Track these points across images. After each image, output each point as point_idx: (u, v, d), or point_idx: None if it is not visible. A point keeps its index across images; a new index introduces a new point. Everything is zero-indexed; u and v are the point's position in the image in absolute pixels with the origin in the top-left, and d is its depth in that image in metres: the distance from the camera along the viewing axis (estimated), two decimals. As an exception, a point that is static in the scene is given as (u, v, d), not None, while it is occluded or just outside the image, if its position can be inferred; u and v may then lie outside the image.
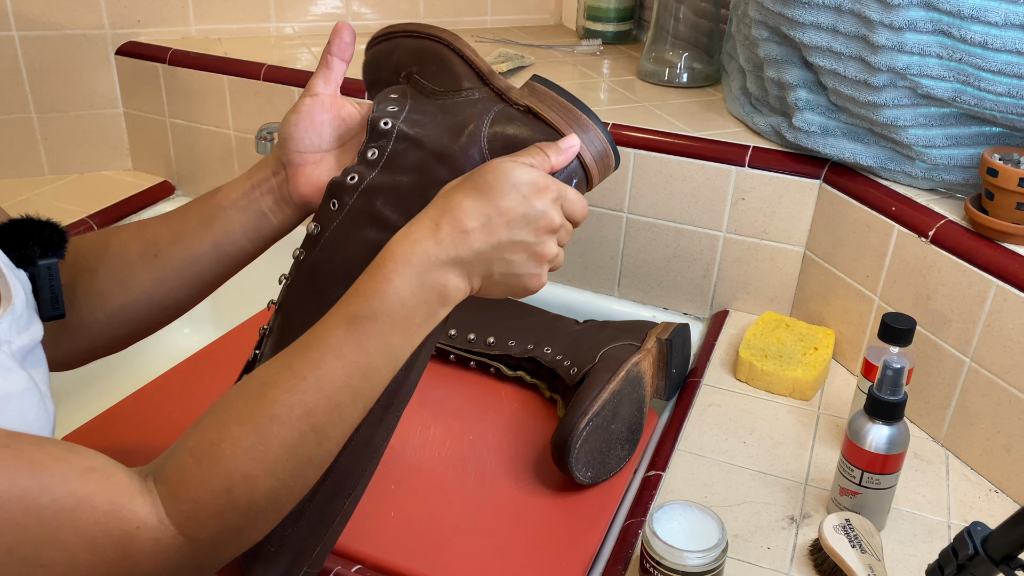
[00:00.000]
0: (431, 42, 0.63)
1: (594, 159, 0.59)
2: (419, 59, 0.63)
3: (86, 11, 1.27)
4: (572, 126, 0.59)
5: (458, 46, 0.62)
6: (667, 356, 0.92)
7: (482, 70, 0.62)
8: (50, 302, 0.56)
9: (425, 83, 0.63)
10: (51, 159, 1.34)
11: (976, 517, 0.78)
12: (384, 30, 0.67)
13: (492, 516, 0.79)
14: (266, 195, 0.65)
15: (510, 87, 0.62)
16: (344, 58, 0.64)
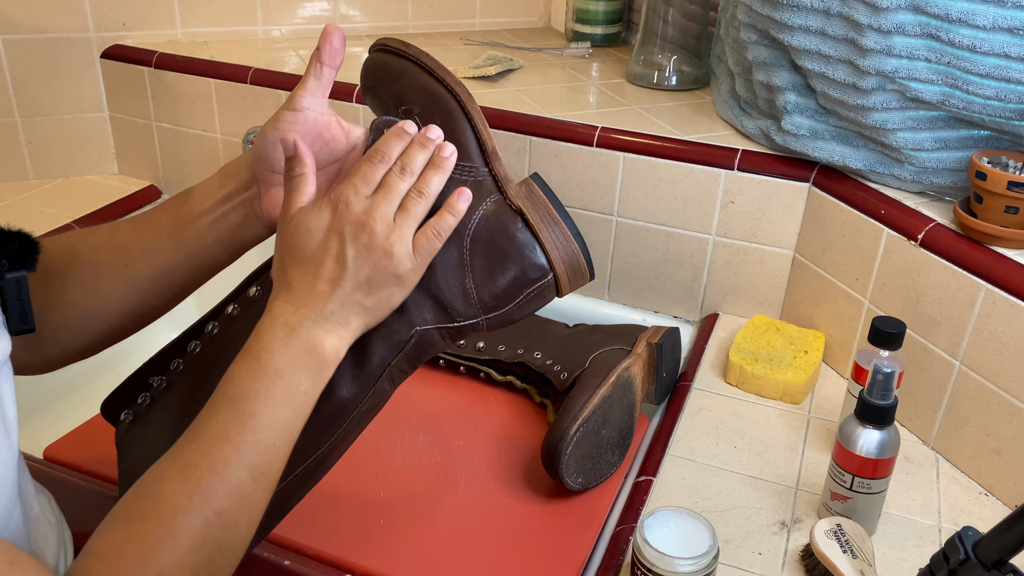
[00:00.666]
0: (446, 93, 0.62)
1: (567, 270, 0.60)
2: (427, 103, 0.62)
3: (71, 14, 1.25)
4: (552, 236, 0.59)
5: (471, 111, 0.61)
6: (657, 360, 0.92)
7: (486, 148, 0.61)
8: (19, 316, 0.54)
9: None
10: (36, 163, 1.33)
11: (967, 521, 0.78)
12: (400, 45, 0.65)
13: (482, 522, 0.78)
14: (237, 209, 0.63)
15: (508, 177, 0.61)
16: (333, 66, 0.61)
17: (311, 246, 0.55)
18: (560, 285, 0.60)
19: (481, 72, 1.20)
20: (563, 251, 0.60)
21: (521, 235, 0.59)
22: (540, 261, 0.59)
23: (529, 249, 0.59)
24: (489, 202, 0.60)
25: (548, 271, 0.59)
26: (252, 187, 0.63)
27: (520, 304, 0.60)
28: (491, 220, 0.59)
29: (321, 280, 0.54)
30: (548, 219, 0.60)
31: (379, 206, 0.55)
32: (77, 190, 1.32)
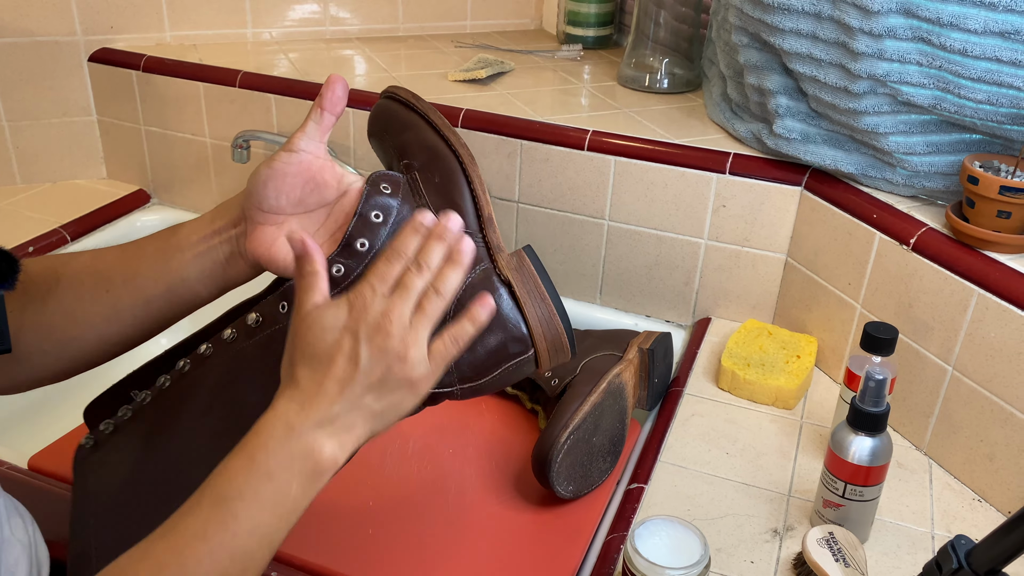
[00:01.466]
0: (450, 153, 0.61)
1: (547, 345, 0.60)
2: (429, 161, 0.61)
3: (58, 17, 1.24)
4: (537, 311, 0.59)
5: (471, 175, 0.61)
6: (649, 366, 0.91)
7: (483, 214, 0.61)
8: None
9: (423, 190, 0.62)
10: (23, 168, 1.32)
11: (960, 527, 0.77)
12: (410, 97, 0.64)
13: (472, 531, 0.77)
14: (224, 245, 0.62)
15: (500, 247, 0.61)
16: (335, 112, 0.61)
17: (324, 344, 0.53)
18: (539, 359, 0.60)
19: (472, 75, 1.20)
20: (546, 327, 0.59)
21: (506, 306, 0.59)
22: (522, 334, 0.59)
23: (512, 322, 0.59)
24: (479, 270, 0.59)
25: (529, 345, 0.59)
26: (240, 225, 0.62)
27: (497, 377, 0.60)
28: (478, 288, 0.58)
29: (330, 380, 0.52)
30: (535, 293, 0.59)
31: (396, 307, 0.53)
32: (65, 195, 1.31)
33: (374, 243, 0.59)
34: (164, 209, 1.33)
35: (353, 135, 1.16)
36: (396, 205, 0.60)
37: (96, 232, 1.26)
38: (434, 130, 0.63)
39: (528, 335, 0.59)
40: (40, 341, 0.62)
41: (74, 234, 1.23)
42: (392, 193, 0.61)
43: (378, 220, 0.60)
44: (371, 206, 0.60)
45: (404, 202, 0.61)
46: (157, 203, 1.35)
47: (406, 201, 0.61)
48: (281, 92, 1.18)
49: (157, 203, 1.35)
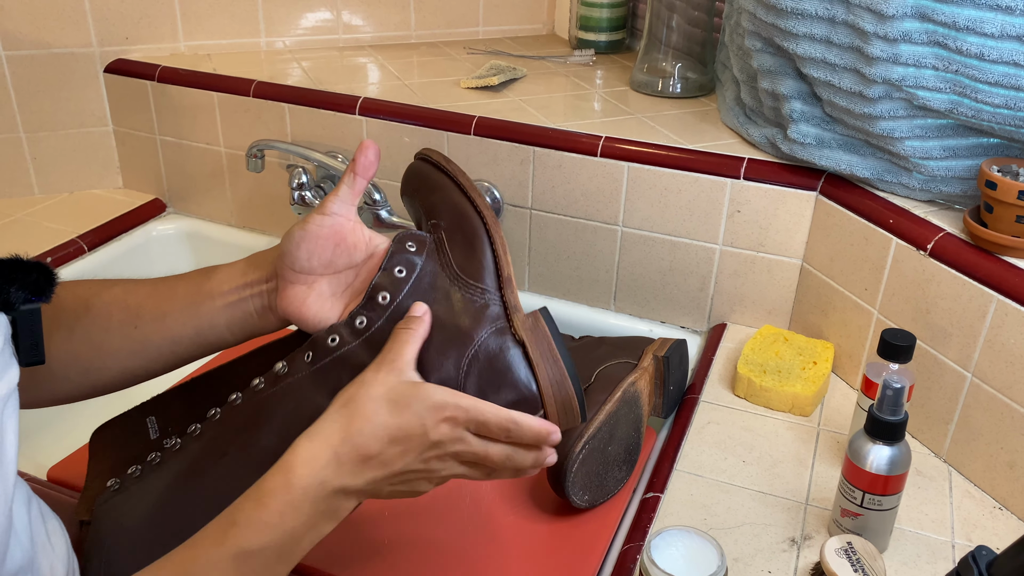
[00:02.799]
0: (475, 215, 0.64)
1: (557, 408, 0.60)
2: (454, 222, 0.64)
3: (74, 29, 1.25)
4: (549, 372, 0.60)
5: (494, 237, 0.63)
6: (664, 373, 0.91)
7: (502, 274, 0.63)
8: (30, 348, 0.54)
9: (447, 248, 0.64)
10: (41, 179, 1.33)
11: (980, 536, 0.77)
12: (442, 159, 0.68)
13: (488, 541, 0.77)
14: (256, 298, 0.64)
15: (517, 307, 0.62)
16: (367, 177, 0.63)
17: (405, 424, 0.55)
18: (549, 420, 0.60)
19: (484, 82, 1.20)
20: (557, 389, 0.60)
21: (518, 365, 0.60)
22: (533, 394, 0.60)
23: (524, 381, 0.60)
24: (494, 328, 0.61)
25: (539, 405, 0.60)
26: (272, 281, 0.64)
27: None
28: (492, 346, 0.60)
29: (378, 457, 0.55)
30: (548, 355, 0.60)
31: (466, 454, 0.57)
32: (82, 205, 1.32)
33: (395, 296, 0.61)
34: (180, 218, 1.34)
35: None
36: (420, 262, 0.63)
37: (113, 241, 1.27)
38: (462, 192, 0.65)
39: (538, 395, 0.60)
40: (64, 367, 0.64)
41: (91, 244, 1.24)
42: (417, 251, 0.63)
43: (401, 275, 0.62)
44: (395, 262, 0.62)
45: (428, 260, 0.63)
46: (173, 212, 1.36)
47: (430, 259, 0.63)
48: (295, 101, 1.18)
49: (173, 212, 1.36)
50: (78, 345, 0.64)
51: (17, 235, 1.23)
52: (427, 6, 1.42)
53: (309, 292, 0.62)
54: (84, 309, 0.64)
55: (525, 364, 0.60)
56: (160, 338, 0.64)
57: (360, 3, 1.39)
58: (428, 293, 0.62)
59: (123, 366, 0.65)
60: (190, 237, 1.34)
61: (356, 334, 0.61)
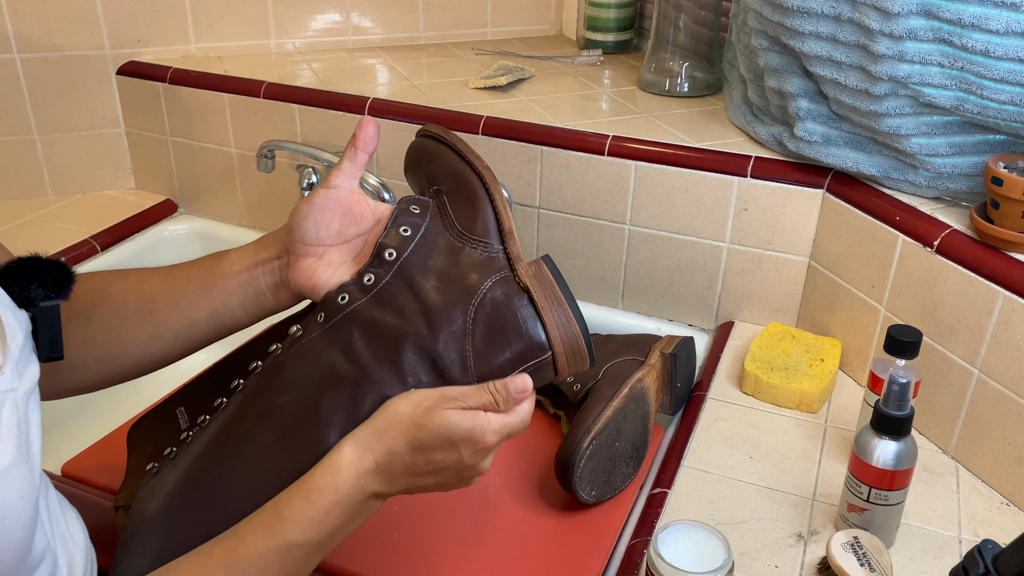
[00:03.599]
0: (473, 175, 0.66)
1: (565, 350, 0.61)
2: (455, 185, 0.66)
3: (86, 32, 1.27)
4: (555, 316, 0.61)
5: (493, 193, 0.65)
6: (671, 370, 0.91)
7: (504, 227, 0.64)
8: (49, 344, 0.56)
9: (449, 209, 0.66)
10: (54, 180, 1.34)
11: (987, 531, 0.77)
12: (439, 131, 0.70)
13: (496, 536, 0.78)
14: (267, 275, 0.66)
15: (520, 257, 0.64)
16: (367, 151, 0.66)
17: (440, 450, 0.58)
18: (558, 365, 0.61)
19: (492, 82, 1.21)
20: (564, 332, 0.61)
21: (524, 311, 0.61)
22: (540, 338, 0.60)
23: (531, 326, 0.60)
24: (498, 276, 0.62)
25: (547, 349, 0.61)
26: (283, 257, 0.66)
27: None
28: (497, 294, 0.61)
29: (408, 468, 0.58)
30: (553, 299, 0.61)
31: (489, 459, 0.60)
32: (95, 205, 1.34)
33: (402, 252, 0.63)
34: (191, 218, 1.36)
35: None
36: (424, 223, 0.64)
37: (125, 242, 1.28)
38: (460, 157, 0.67)
39: (546, 340, 0.60)
40: (82, 355, 0.65)
41: (104, 244, 1.25)
42: (420, 213, 0.65)
43: (406, 234, 0.64)
44: (400, 223, 0.64)
45: (432, 220, 0.65)
46: (184, 213, 1.37)
47: (434, 220, 0.65)
48: (305, 102, 1.19)
49: (184, 213, 1.37)
50: (96, 334, 0.65)
51: (31, 235, 1.25)
52: (435, 7, 1.43)
53: (319, 263, 0.64)
54: (101, 298, 0.66)
55: (531, 310, 0.61)
56: (175, 322, 0.65)
57: (369, 5, 1.40)
58: (433, 249, 0.63)
59: (140, 352, 0.66)
60: (201, 237, 1.35)
61: (364, 291, 0.62)
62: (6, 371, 0.50)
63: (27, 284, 0.54)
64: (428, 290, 0.62)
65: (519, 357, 0.60)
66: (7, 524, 0.48)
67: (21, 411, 0.50)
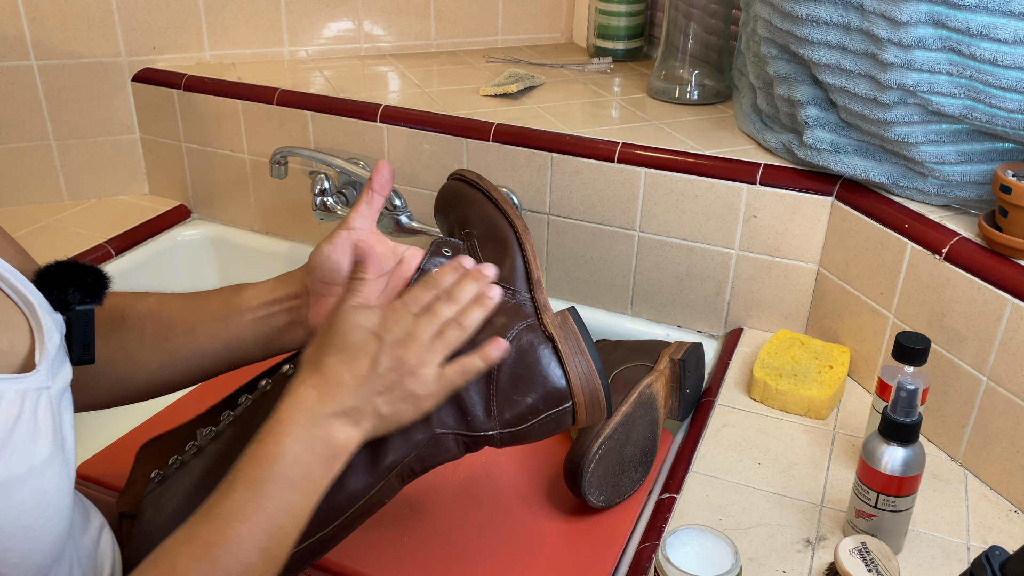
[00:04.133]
0: (506, 224, 0.68)
1: (585, 401, 0.63)
2: (487, 230, 0.68)
3: (103, 39, 1.29)
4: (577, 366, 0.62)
5: (524, 243, 0.67)
6: (680, 376, 0.92)
7: (532, 276, 0.66)
8: (82, 347, 0.57)
9: (480, 255, 0.68)
10: (70, 185, 1.36)
11: (996, 538, 0.77)
12: (475, 177, 0.72)
13: (505, 540, 0.79)
14: (284, 314, 0.67)
15: (546, 306, 0.65)
16: (383, 194, 0.67)
17: (352, 339, 0.58)
18: (577, 414, 0.63)
19: (503, 90, 1.22)
20: (585, 383, 0.62)
21: (548, 360, 0.62)
22: (561, 386, 0.62)
23: (554, 374, 0.62)
24: (524, 324, 0.64)
25: (568, 398, 0.62)
26: (303, 296, 0.67)
27: (535, 425, 0.63)
28: (523, 341, 0.63)
29: (350, 374, 0.57)
30: (576, 350, 0.63)
31: (421, 326, 0.59)
32: (110, 210, 1.35)
33: None
34: (204, 224, 1.37)
35: (387, 150, 1.18)
36: None
37: (139, 246, 1.29)
38: (494, 204, 0.69)
39: (568, 388, 0.62)
40: (96, 375, 0.66)
41: (118, 249, 1.27)
42: (452, 256, 0.67)
43: None
44: (432, 264, 0.66)
45: None
46: (198, 218, 1.38)
47: None
48: (317, 109, 1.21)
49: (198, 218, 1.38)
50: (112, 353, 0.66)
51: (46, 240, 1.26)
52: (447, 16, 1.44)
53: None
54: (120, 319, 0.67)
55: (555, 359, 0.62)
56: (189, 351, 0.67)
57: (381, 13, 1.41)
58: None
59: (151, 377, 0.67)
60: (214, 242, 1.36)
61: None
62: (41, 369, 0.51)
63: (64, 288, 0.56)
64: None
65: (541, 404, 0.62)
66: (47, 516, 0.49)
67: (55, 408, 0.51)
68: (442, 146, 1.13)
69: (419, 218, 1.17)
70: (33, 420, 0.48)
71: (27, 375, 0.50)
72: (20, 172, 1.32)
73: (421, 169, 1.16)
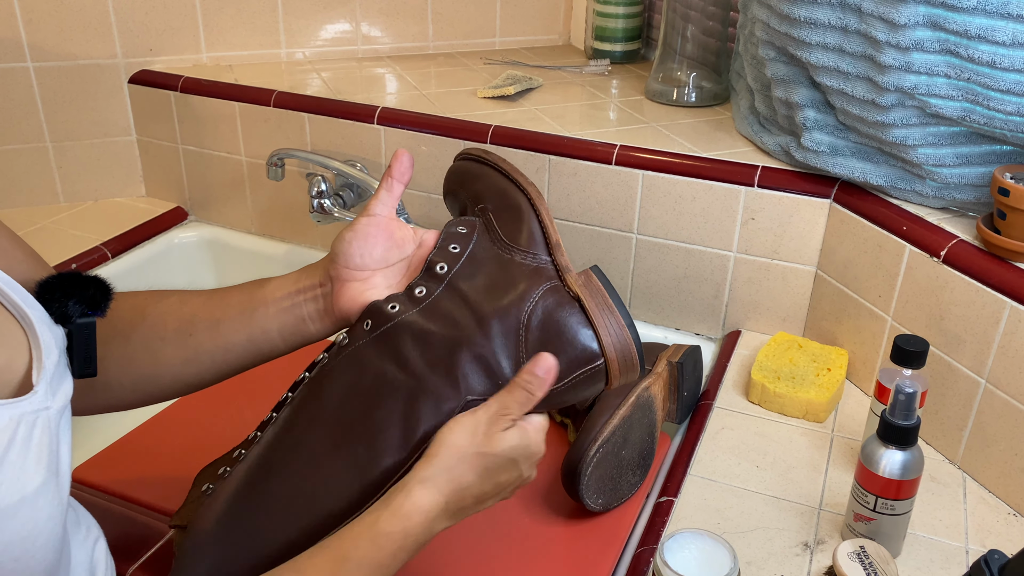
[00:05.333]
0: (518, 192, 0.67)
1: (618, 358, 0.61)
2: (500, 201, 0.67)
3: (99, 41, 1.28)
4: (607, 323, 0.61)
5: (539, 208, 0.66)
6: (678, 379, 0.92)
7: (551, 240, 0.65)
8: (84, 361, 0.56)
9: (496, 226, 0.67)
10: (66, 187, 1.36)
11: (994, 542, 0.77)
12: (480, 152, 0.71)
13: (502, 543, 0.78)
14: (309, 303, 0.67)
15: (568, 267, 0.64)
16: (403, 182, 0.68)
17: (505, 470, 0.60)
18: (610, 372, 0.61)
19: (500, 92, 1.21)
20: (616, 339, 0.61)
21: (575, 319, 0.61)
22: (592, 345, 0.61)
23: (583, 333, 0.61)
24: (548, 285, 0.63)
25: (599, 355, 0.61)
26: (327, 285, 0.67)
27: (569, 384, 0.61)
28: (548, 302, 0.62)
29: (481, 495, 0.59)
30: (604, 307, 0.61)
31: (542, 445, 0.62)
32: (106, 212, 1.35)
33: (452, 266, 0.64)
34: (201, 226, 1.37)
35: (384, 152, 1.18)
36: (472, 240, 0.66)
37: (136, 249, 1.29)
38: (504, 175, 0.68)
39: (599, 347, 0.61)
40: (119, 374, 0.65)
41: (114, 251, 1.26)
42: (467, 233, 0.66)
43: (455, 250, 0.65)
44: (448, 239, 0.66)
45: (480, 237, 0.66)
46: (194, 220, 1.38)
47: (481, 236, 0.67)
48: (314, 111, 1.20)
49: (194, 220, 1.38)
50: (134, 353, 0.65)
51: (43, 242, 1.26)
52: (445, 17, 1.44)
53: (365, 286, 0.65)
54: (140, 318, 0.66)
55: (583, 317, 0.61)
56: (213, 346, 0.66)
57: (379, 15, 1.41)
58: (482, 262, 0.64)
59: (175, 374, 0.66)
60: (211, 244, 1.36)
61: (415, 302, 0.63)
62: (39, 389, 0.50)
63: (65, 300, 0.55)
64: (480, 299, 0.62)
65: (572, 364, 0.60)
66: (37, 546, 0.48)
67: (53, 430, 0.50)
68: (439, 148, 1.13)
69: (417, 220, 1.17)
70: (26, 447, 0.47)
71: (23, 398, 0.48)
72: (16, 174, 1.32)
73: (418, 171, 1.16)
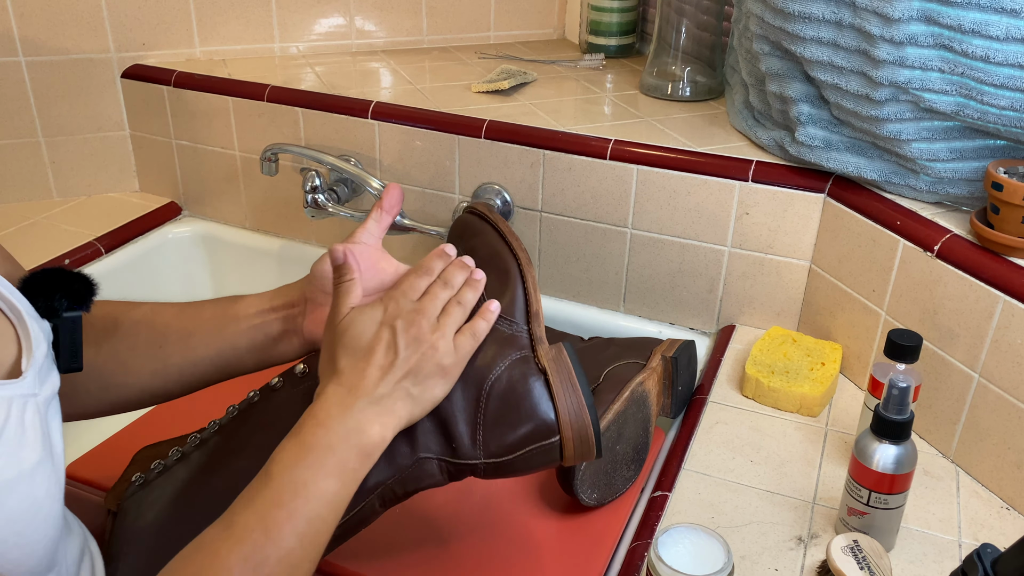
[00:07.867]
0: (510, 256, 0.69)
1: (573, 437, 0.62)
2: (491, 261, 0.69)
3: (92, 35, 1.28)
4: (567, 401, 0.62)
5: (526, 275, 0.68)
6: (673, 374, 0.92)
7: (531, 309, 0.67)
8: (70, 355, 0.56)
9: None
10: (59, 182, 1.35)
11: (987, 535, 0.77)
12: (485, 210, 0.74)
13: (497, 539, 0.78)
14: (278, 322, 0.67)
15: (542, 339, 0.66)
16: (392, 213, 0.70)
17: (364, 337, 0.59)
18: (564, 451, 0.62)
19: (495, 86, 1.21)
20: (575, 418, 0.62)
21: (539, 393, 0.62)
22: (550, 420, 0.62)
23: (543, 406, 0.62)
24: (519, 355, 0.64)
25: (556, 432, 0.62)
26: (299, 306, 0.67)
27: (521, 457, 0.62)
28: (515, 371, 0.63)
29: (373, 367, 0.58)
30: (568, 384, 0.63)
31: (426, 307, 0.61)
32: (99, 207, 1.34)
33: None
34: (195, 221, 1.36)
35: (378, 147, 1.18)
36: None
37: (129, 244, 1.29)
38: (500, 236, 0.71)
39: (556, 422, 0.62)
40: (87, 381, 0.65)
41: (108, 246, 1.26)
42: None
43: None
44: None
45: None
46: (188, 215, 1.38)
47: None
48: (308, 105, 1.20)
49: (188, 215, 1.38)
50: (104, 361, 0.66)
51: (36, 237, 1.25)
52: (439, 12, 1.44)
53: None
54: (113, 326, 0.67)
55: (545, 392, 0.62)
56: (182, 359, 0.66)
57: (373, 9, 1.41)
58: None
59: (143, 385, 0.67)
60: (205, 240, 1.36)
61: None
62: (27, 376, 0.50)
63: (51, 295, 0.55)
64: None
65: (528, 437, 0.62)
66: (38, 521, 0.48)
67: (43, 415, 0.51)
68: (434, 143, 1.13)
69: (412, 214, 1.16)
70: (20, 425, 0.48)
71: (13, 382, 0.49)
72: (8, 169, 1.32)
73: (412, 166, 1.16)
